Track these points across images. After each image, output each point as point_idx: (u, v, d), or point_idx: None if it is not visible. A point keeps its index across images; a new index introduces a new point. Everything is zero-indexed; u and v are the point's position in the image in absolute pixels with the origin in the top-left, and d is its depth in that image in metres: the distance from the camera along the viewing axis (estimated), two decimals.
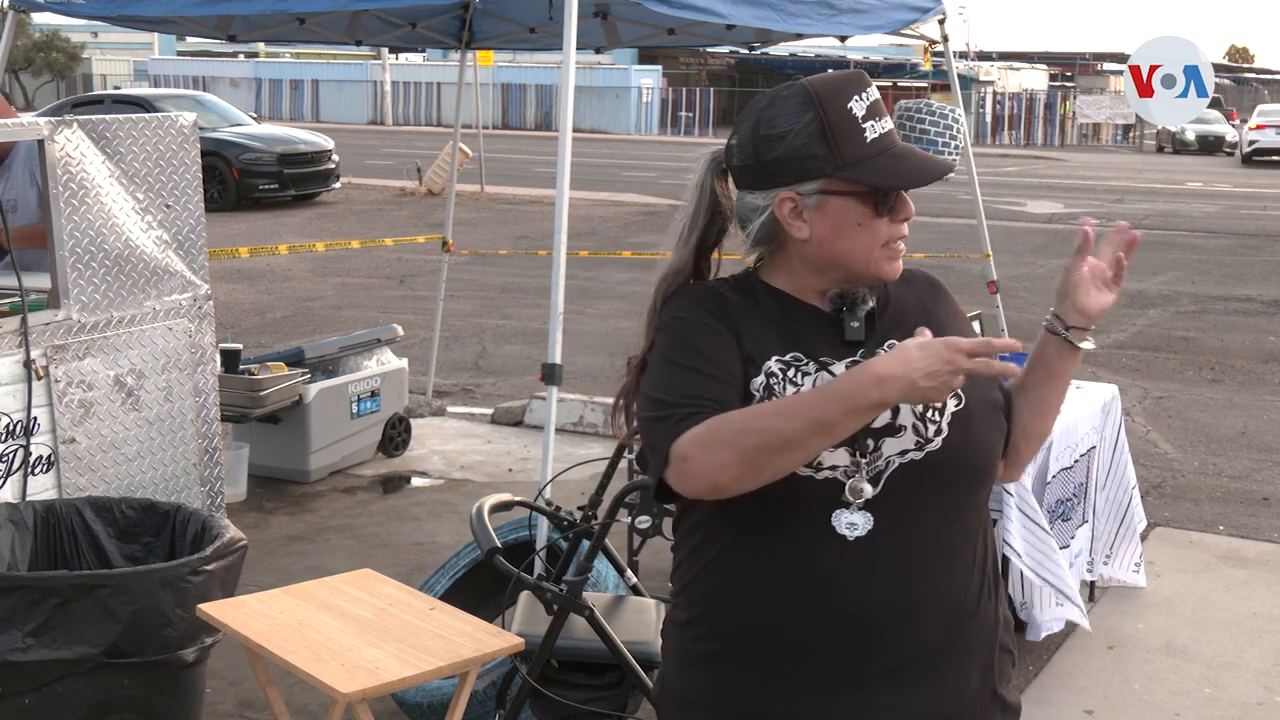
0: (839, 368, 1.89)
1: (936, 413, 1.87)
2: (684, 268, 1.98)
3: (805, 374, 1.88)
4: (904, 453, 1.85)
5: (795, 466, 1.78)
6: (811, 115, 1.86)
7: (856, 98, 1.87)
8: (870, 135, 1.87)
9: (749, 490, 1.77)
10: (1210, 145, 38.80)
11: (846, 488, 1.82)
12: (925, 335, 1.72)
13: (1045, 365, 1.99)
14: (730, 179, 1.98)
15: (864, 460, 1.83)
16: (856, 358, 1.89)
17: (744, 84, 54.79)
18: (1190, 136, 38.57)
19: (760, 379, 1.87)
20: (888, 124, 1.90)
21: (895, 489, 1.84)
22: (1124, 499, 5.15)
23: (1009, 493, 4.15)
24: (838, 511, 1.82)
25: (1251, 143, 35.05)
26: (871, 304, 1.95)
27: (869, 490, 1.82)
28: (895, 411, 1.85)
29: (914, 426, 1.86)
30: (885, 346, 1.90)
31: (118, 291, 4.28)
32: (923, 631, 1.86)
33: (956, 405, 1.88)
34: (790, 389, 1.85)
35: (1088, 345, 1.96)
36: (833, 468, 1.83)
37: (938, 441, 1.86)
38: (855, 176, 1.85)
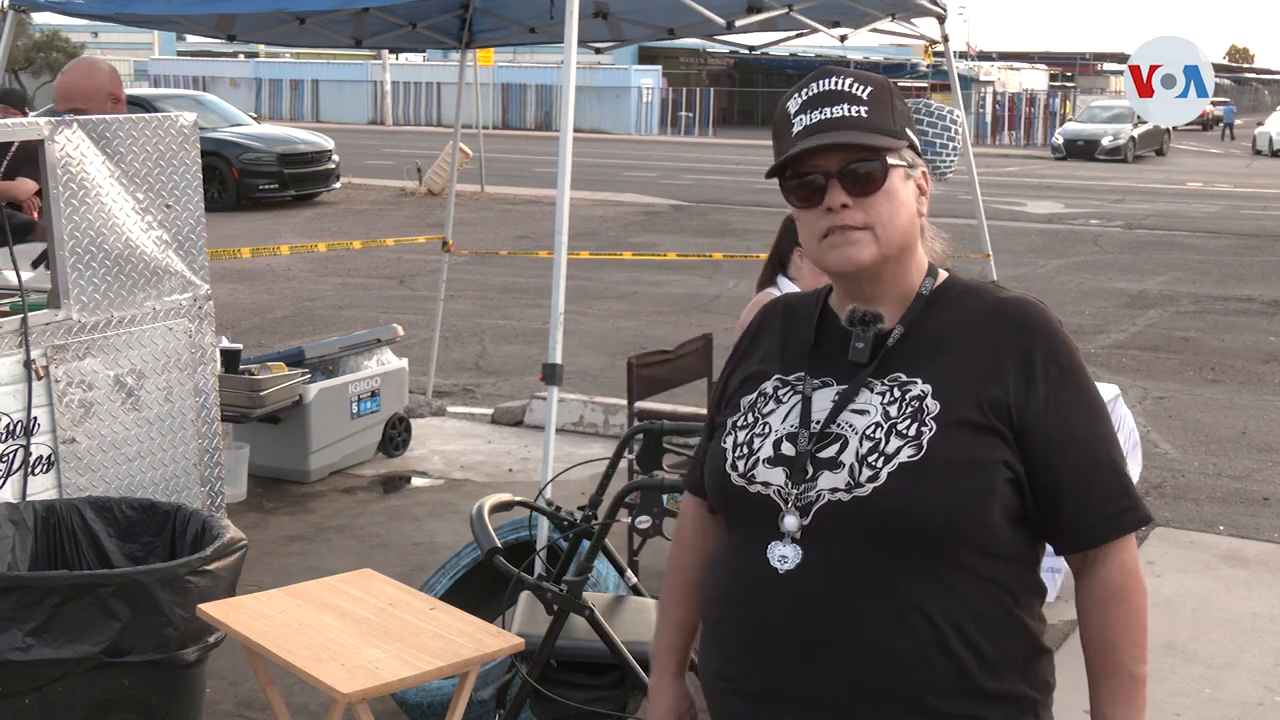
0: (828, 393, 1.86)
1: (881, 458, 1.77)
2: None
3: (795, 393, 1.89)
4: (834, 490, 1.79)
5: None
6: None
7: (797, 94, 1.87)
8: (797, 128, 1.85)
9: None
10: (1079, 151, 35.27)
11: (779, 520, 1.81)
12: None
13: None
14: None
15: (795, 490, 1.81)
16: (849, 385, 1.85)
17: (744, 84, 54.80)
18: (1059, 141, 36.52)
19: (751, 397, 1.93)
20: (826, 113, 1.83)
21: (822, 526, 1.79)
22: None
23: None
24: (774, 542, 1.81)
25: (1269, 139, 40.28)
26: (883, 326, 1.87)
27: (794, 523, 1.80)
28: (842, 445, 1.81)
29: (850, 467, 1.79)
30: (888, 379, 1.84)
31: (118, 291, 4.28)
32: (832, 674, 1.78)
33: (912, 455, 1.76)
34: (770, 405, 1.89)
35: None
36: (765, 484, 1.84)
37: (868, 488, 1.76)
38: (771, 171, 1.89)
